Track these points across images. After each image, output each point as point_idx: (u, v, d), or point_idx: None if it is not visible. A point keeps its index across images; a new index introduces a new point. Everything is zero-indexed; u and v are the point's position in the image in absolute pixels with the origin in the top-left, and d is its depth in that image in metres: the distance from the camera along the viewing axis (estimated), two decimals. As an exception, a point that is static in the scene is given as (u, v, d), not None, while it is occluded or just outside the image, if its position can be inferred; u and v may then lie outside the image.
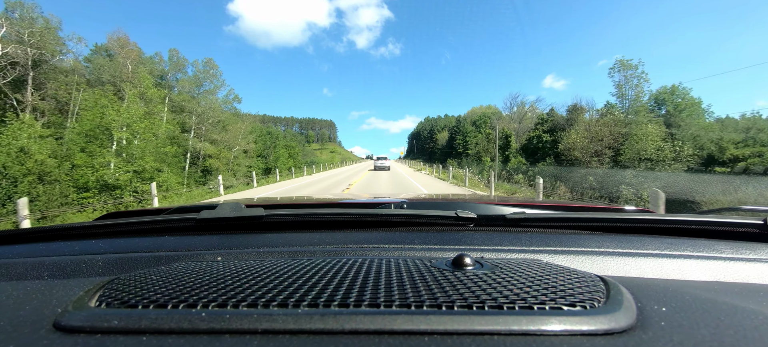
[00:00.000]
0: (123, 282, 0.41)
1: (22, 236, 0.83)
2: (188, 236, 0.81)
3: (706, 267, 0.58)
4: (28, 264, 0.63)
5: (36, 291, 0.42)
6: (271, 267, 0.46)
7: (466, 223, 0.86)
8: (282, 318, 0.30)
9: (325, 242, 0.73)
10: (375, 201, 1.25)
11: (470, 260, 0.45)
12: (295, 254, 0.65)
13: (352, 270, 0.44)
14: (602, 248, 0.66)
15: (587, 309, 0.32)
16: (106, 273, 0.60)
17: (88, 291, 0.39)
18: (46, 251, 0.73)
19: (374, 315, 0.30)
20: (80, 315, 0.32)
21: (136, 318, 0.31)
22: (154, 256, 0.66)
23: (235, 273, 0.43)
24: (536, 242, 0.71)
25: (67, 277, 0.59)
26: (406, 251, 0.67)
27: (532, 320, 0.29)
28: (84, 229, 0.87)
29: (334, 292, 0.35)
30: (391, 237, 0.77)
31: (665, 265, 0.59)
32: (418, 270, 0.44)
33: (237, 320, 0.30)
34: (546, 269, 0.45)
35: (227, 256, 0.64)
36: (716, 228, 0.77)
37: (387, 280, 0.39)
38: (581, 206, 1.20)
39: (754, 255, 0.63)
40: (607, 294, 0.35)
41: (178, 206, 1.13)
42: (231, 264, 0.49)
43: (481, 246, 0.69)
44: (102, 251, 0.70)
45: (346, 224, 0.89)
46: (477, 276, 0.40)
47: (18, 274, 0.60)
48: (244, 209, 0.86)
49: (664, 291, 0.40)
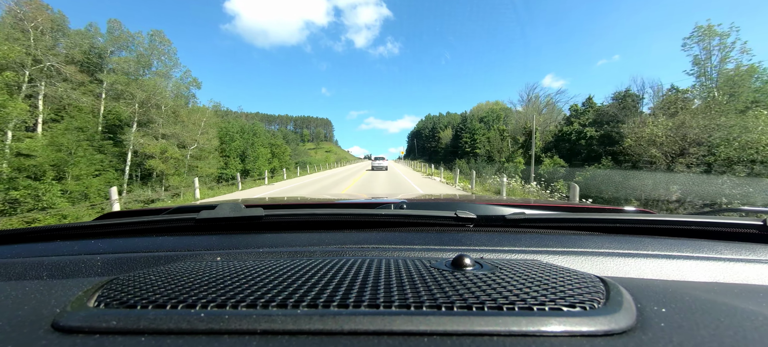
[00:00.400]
0: (122, 282, 0.41)
1: (21, 235, 0.83)
2: (187, 236, 0.81)
3: (705, 268, 0.59)
4: (26, 263, 0.63)
5: (34, 291, 0.42)
6: (271, 267, 0.46)
7: (466, 223, 0.86)
8: (281, 318, 0.30)
9: (324, 243, 0.74)
10: (374, 201, 1.24)
11: (470, 260, 0.45)
12: (294, 254, 0.66)
13: (351, 271, 0.44)
14: (602, 249, 0.67)
15: (587, 310, 0.32)
16: (105, 273, 0.60)
17: (87, 291, 0.38)
18: (45, 251, 0.73)
19: (373, 315, 0.30)
20: (79, 315, 0.32)
21: (135, 318, 0.30)
22: (153, 256, 0.66)
23: (234, 273, 0.43)
24: (536, 243, 0.71)
25: (65, 277, 0.59)
26: (406, 251, 0.67)
27: (531, 321, 0.29)
28: (83, 229, 0.87)
29: (333, 293, 0.35)
30: (391, 238, 0.77)
31: (665, 266, 0.59)
32: (417, 270, 0.44)
33: (236, 320, 0.30)
34: (546, 269, 0.45)
35: (226, 256, 0.64)
36: (716, 229, 0.77)
37: (386, 281, 0.39)
38: (581, 207, 1.23)
39: (753, 256, 0.63)
40: (606, 295, 0.35)
41: (177, 206, 1.13)
42: (230, 264, 0.49)
43: (481, 247, 0.70)
44: (101, 251, 0.71)
45: (346, 224, 0.90)
46: (476, 276, 0.40)
47: (16, 274, 0.60)
48: (244, 210, 0.86)
49: (663, 292, 0.40)
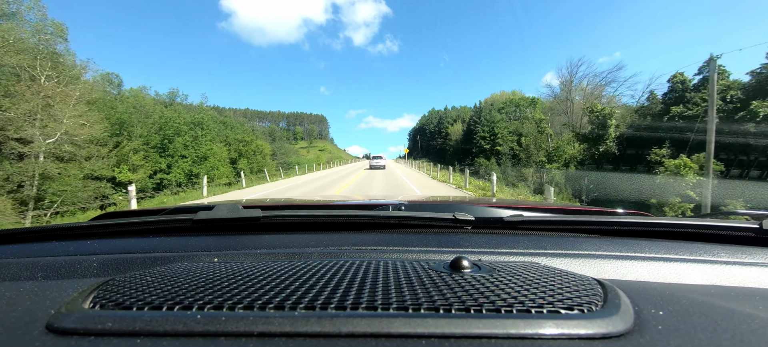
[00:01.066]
0: (118, 283, 0.40)
1: (16, 236, 0.82)
2: (184, 237, 0.81)
3: (702, 271, 0.59)
4: (21, 264, 0.62)
5: (29, 291, 0.41)
6: (268, 268, 0.46)
7: (464, 225, 0.86)
8: (278, 320, 0.30)
9: (322, 244, 0.73)
10: (373, 203, 1.24)
11: (468, 262, 0.45)
12: (292, 256, 0.65)
13: (349, 273, 0.44)
14: (599, 252, 0.67)
15: (584, 313, 0.32)
16: (101, 274, 0.60)
17: (82, 292, 0.38)
18: (40, 251, 0.72)
19: (371, 317, 0.30)
20: (73, 316, 0.31)
21: (131, 320, 0.30)
22: (149, 257, 0.65)
23: (231, 274, 0.43)
24: (534, 245, 0.71)
25: (61, 278, 0.59)
26: (404, 253, 0.67)
27: (529, 323, 0.29)
28: (79, 229, 0.86)
29: (331, 294, 0.35)
30: (389, 239, 0.77)
31: (662, 268, 0.59)
32: (415, 272, 0.44)
33: (232, 322, 0.29)
34: (543, 272, 0.45)
35: (224, 257, 0.63)
36: (713, 232, 0.77)
37: (384, 282, 0.39)
38: (578, 210, 1.22)
39: (750, 259, 0.63)
40: (604, 298, 0.35)
41: (174, 207, 1.12)
42: (227, 265, 0.49)
43: (479, 249, 0.69)
44: (97, 252, 0.70)
45: (344, 225, 0.89)
46: (474, 278, 0.40)
47: (11, 275, 0.59)
48: (241, 211, 0.85)
49: (661, 295, 0.40)
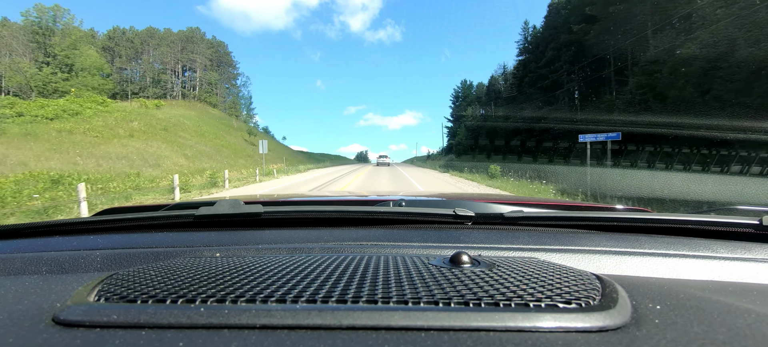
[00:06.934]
0: (121, 277, 0.41)
1: (20, 231, 0.83)
2: (187, 233, 0.82)
3: (701, 267, 0.59)
4: (26, 259, 0.63)
5: (34, 286, 0.42)
6: (270, 263, 0.47)
7: (464, 221, 0.86)
8: (280, 313, 0.30)
9: (323, 239, 0.74)
10: (374, 199, 1.24)
11: (468, 257, 0.46)
12: (293, 251, 0.66)
13: (350, 267, 0.44)
14: (599, 247, 0.67)
15: (582, 307, 0.32)
16: (105, 269, 0.61)
17: (87, 285, 0.39)
18: (44, 246, 0.73)
19: (371, 311, 0.31)
20: (79, 309, 0.32)
21: (135, 312, 0.31)
22: (152, 252, 0.66)
23: (233, 269, 0.43)
24: (533, 241, 0.72)
25: (65, 272, 0.60)
26: (404, 248, 0.67)
27: (527, 317, 0.30)
28: (82, 225, 0.86)
29: (331, 288, 0.36)
30: (390, 235, 0.77)
31: (661, 264, 0.60)
32: (415, 267, 0.44)
33: (235, 315, 0.30)
34: (542, 267, 0.45)
35: (226, 252, 0.64)
36: (712, 228, 0.77)
37: (385, 277, 0.40)
38: (578, 205, 1.26)
39: (749, 255, 0.63)
40: (602, 292, 0.36)
41: (176, 203, 1.14)
42: (229, 260, 0.50)
43: (479, 244, 0.70)
44: (100, 247, 0.70)
45: (345, 221, 0.90)
46: (474, 273, 0.41)
47: (16, 269, 0.60)
48: (243, 206, 0.86)
49: (658, 290, 0.40)
